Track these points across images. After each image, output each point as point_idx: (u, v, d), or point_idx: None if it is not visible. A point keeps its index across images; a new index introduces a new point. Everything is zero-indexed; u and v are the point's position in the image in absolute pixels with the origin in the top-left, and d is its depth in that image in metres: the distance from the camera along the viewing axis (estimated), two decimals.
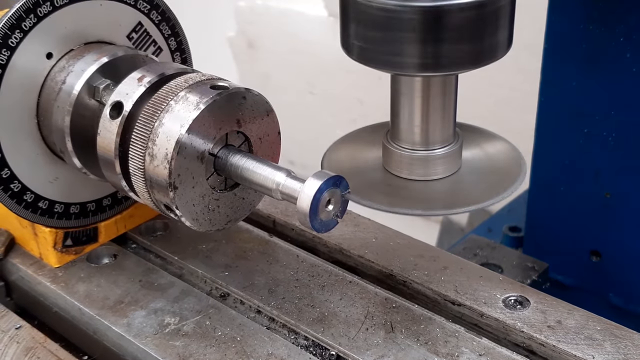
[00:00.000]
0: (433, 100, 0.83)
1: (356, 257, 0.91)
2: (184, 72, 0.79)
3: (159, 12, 0.89)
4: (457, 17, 0.74)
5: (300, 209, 0.70)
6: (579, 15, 1.05)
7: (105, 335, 0.83)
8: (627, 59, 1.03)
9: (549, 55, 1.11)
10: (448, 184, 0.87)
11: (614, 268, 1.19)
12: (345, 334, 0.79)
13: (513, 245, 1.31)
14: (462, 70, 0.79)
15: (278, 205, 0.99)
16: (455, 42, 0.76)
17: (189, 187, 0.74)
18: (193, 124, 0.72)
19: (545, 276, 1.23)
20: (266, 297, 0.84)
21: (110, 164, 0.78)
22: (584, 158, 1.13)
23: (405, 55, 0.76)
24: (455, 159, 0.87)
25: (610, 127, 1.09)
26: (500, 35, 0.78)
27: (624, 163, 1.10)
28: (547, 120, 1.15)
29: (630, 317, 1.18)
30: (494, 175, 0.88)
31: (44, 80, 0.83)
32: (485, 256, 1.25)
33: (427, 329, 0.79)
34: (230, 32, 2.87)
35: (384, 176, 0.89)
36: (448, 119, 0.85)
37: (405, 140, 0.86)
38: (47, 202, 0.86)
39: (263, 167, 0.74)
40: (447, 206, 0.86)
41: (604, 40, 1.04)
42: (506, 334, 0.80)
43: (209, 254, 0.91)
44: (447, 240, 2.14)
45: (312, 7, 2.69)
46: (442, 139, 0.86)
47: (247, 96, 0.76)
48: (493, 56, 0.79)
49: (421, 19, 0.74)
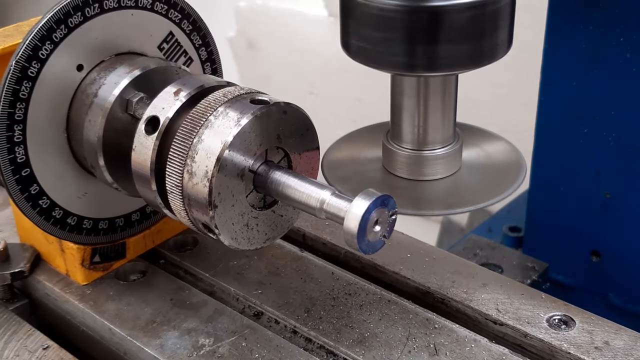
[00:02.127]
0: (433, 100, 0.83)
1: (391, 274, 0.89)
2: (221, 85, 0.76)
3: (190, 21, 0.86)
4: (457, 17, 0.74)
5: (348, 230, 0.67)
6: (579, 15, 1.04)
7: (136, 356, 0.80)
8: (627, 59, 1.03)
9: (549, 55, 1.10)
10: (448, 184, 0.86)
11: (614, 268, 1.18)
12: (387, 356, 0.77)
13: (513, 245, 1.31)
14: (462, 70, 0.79)
15: (308, 218, 0.96)
16: (455, 42, 0.75)
17: (228, 206, 0.72)
18: (234, 141, 0.70)
19: (545, 276, 1.24)
20: (302, 317, 0.82)
21: (145, 180, 0.75)
22: (584, 158, 1.13)
23: (405, 56, 0.76)
24: (456, 159, 0.87)
25: (610, 127, 1.08)
26: (500, 35, 0.78)
27: (624, 163, 1.10)
28: (547, 120, 1.15)
29: (630, 317, 1.17)
30: (494, 175, 0.88)
31: (75, 93, 0.80)
32: (485, 256, 1.25)
33: (473, 351, 0.77)
34: (230, 32, 2.85)
35: (384, 176, 0.88)
36: (448, 119, 0.85)
37: (406, 140, 0.86)
38: (76, 218, 0.83)
39: (306, 185, 0.72)
40: (447, 206, 0.85)
41: (604, 40, 1.03)
42: (552, 355, 0.78)
43: (241, 270, 0.89)
44: (447, 240, 2.14)
45: (312, 7, 2.69)
46: (442, 139, 0.85)
47: (287, 110, 0.73)
48: (493, 56, 0.79)
49: (421, 19, 0.73)
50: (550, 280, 1.24)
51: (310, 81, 2.70)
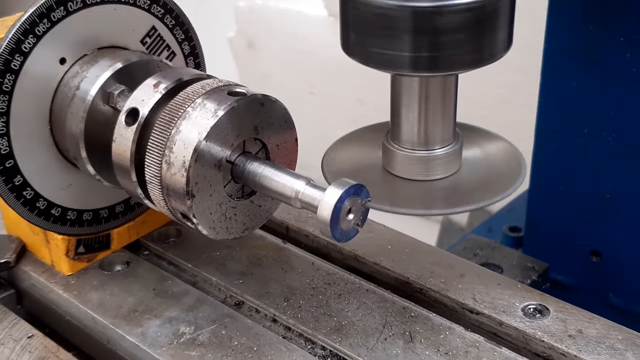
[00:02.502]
0: (433, 101, 0.83)
1: (371, 265, 0.90)
2: (200, 78, 0.78)
3: (173, 16, 0.88)
4: (457, 17, 0.74)
5: (321, 219, 0.69)
6: (579, 15, 1.04)
7: (119, 344, 0.82)
8: (627, 59, 1.02)
9: (549, 55, 1.10)
10: (448, 184, 0.86)
11: (614, 268, 1.18)
12: (363, 344, 0.78)
13: (513, 245, 1.31)
14: (462, 70, 0.79)
15: (291, 211, 0.98)
16: (455, 43, 0.75)
17: (206, 195, 0.73)
18: (211, 132, 0.71)
19: (545, 276, 1.23)
20: (282, 306, 0.83)
21: (125, 171, 0.77)
22: (584, 158, 1.12)
23: (405, 56, 0.76)
24: (456, 159, 0.87)
25: (610, 127, 1.08)
26: (500, 35, 0.78)
27: (624, 163, 1.09)
28: (547, 120, 1.15)
29: (630, 317, 1.16)
30: (494, 175, 0.87)
31: (57, 85, 0.81)
32: (485, 256, 1.25)
33: (447, 339, 0.78)
34: (230, 32, 2.86)
35: (384, 176, 0.88)
36: (448, 119, 0.85)
37: (406, 141, 0.86)
38: (60, 209, 0.85)
39: (282, 175, 0.73)
40: (447, 206, 0.85)
41: (604, 40, 1.03)
42: (526, 343, 0.79)
43: (223, 261, 0.90)
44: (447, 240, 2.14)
45: (312, 7, 2.69)
46: (442, 139, 0.85)
47: (265, 102, 0.75)
48: (493, 56, 0.79)
49: (421, 19, 0.73)
50: (550, 280, 1.24)
51: (310, 81, 2.70)
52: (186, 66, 0.91)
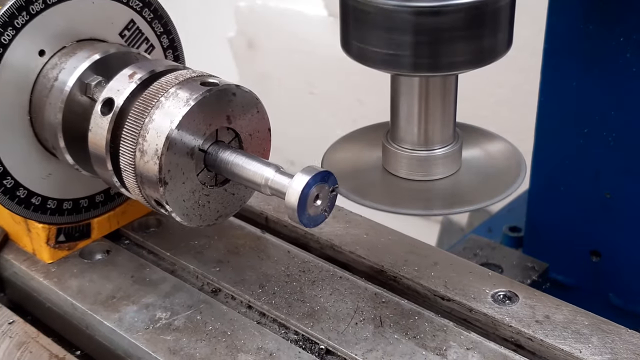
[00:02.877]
0: (433, 101, 0.83)
1: (347, 253, 0.91)
2: (175, 69, 0.79)
3: (151, 9, 0.89)
4: (456, 17, 0.74)
5: (289, 204, 0.70)
6: (578, 15, 1.05)
7: (97, 330, 0.84)
8: (627, 59, 1.03)
9: (549, 55, 1.11)
10: (448, 184, 0.87)
11: (614, 268, 1.19)
12: (334, 328, 0.80)
13: (513, 245, 1.31)
14: (462, 70, 0.79)
15: (270, 202, 0.99)
16: (455, 43, 0.76)
17: (179, 183, 0.75)
18: (183, 120, 0.73)
19: (545, 276, 1.24)
20: (257, 293, 0.85)
21: (101, 160, 0.79)
22: (584, 158, 1.13)
23: (405, 56, 0.76)
24: (455, 159, 0.88)
25: (610, 127, 1.08)
26: (500, 35, 0.78)
27: (624, 163, 1.10)
28: (547, 120, 1.15)
29: (630, 317, 1.17)
30: (494, 175, 0.88)
31: (37, 77, 0.83)
32: (485, 256, 1.26)
33: (416, 323, 0.80)
34: (230, 32, 2.87)
35: (384, 176, 0.89)
36: (448, 119, 0.85)
37: (405, 141, 0.86)
38: (40, 198, 0.87)
39: (252, 163, 0.75)
40: (447, 206, 0.86)
41: (604, 40, 1.04)
42: (495, 328, 0.80)
43: (201, 249, 0.92)
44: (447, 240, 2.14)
45: (312, 7, 2.69)
46: (442, 139, 0.86)
47: (237, 92, 0.76)
48: (493, 56, 0.79)
49: (421, 19, 0.74)
50: (550, 280, 1.24)
51: (310, 81, 2.71)
52: (165, 59, 0.93)
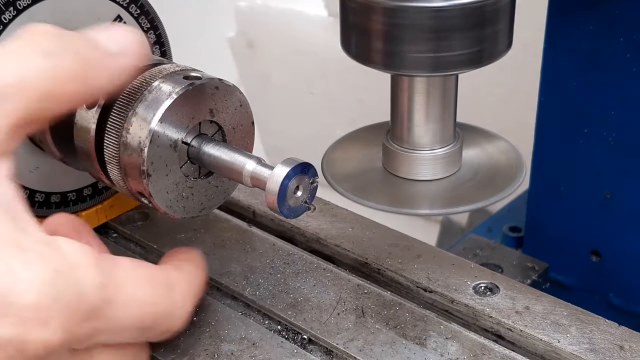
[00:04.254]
0: (433, 101, 0.84)
1: (332, 246, 0.92)
2: (159, 63, 0.81)
3: (138, 5, 0.90)
4: (456, 17, 0.75)
5: (269, 195, 0.72)
6: (579, 15, 1.05)
7: None
8: (627, 59, 1.02)
9: (549, 55, 1.10)
10: (448, 183, 0.87)
11: (614, 268, 1.18)
12: (317, 318, 0.80)
13: (513, 245, 1.31)
14: (462, 70, 0.79)
15: (258, 195, 1.00)
16: (455, 43, 0.76)
17: (162, 175, 0.76)
18: (166, 113, 0.74)
19: (545, 276, 1.24)
20: (242, 284, 0.86)
21: (87, 153, 0.80)
22: (584, 158, 1.12)
23: (405, 56, 0.77)
24: (456, 159, 0.88)
25: (610, 127, 1.08)
26: (500, 35, 0.78)
27: (624, 163, 1.10)
28: (547, 120, 1.15)
29: (630, 317, 1.18)
30: (494, 175, 0.88)
31: None
32: (485, 256, 1.26)
33: (397, 313, 0.81)
34: (230, 32, 2.88)
35: (384, 176, 0.89)
36: (448, 119, 0.86)
37: (405, 141, 0.86)
38: (28, 191, 0.88)
39: (234, 155, 0.76)
40: (447, 206, 0.86)
41: (604, 40, 1.03)
42: (475, 319, 0.81)
43: (188, 242, 0.93)
44: (447, 240, 2.14)
45: (312, 7, 2.70)
46: (442, 139, 0.86)
47: (219, 86, 0.77)
48: (493, 56, 0.79)
49: (421, 19, 0.74)
50: (550, 280, 1.24)
51: (310, 81, 2.72)
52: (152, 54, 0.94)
